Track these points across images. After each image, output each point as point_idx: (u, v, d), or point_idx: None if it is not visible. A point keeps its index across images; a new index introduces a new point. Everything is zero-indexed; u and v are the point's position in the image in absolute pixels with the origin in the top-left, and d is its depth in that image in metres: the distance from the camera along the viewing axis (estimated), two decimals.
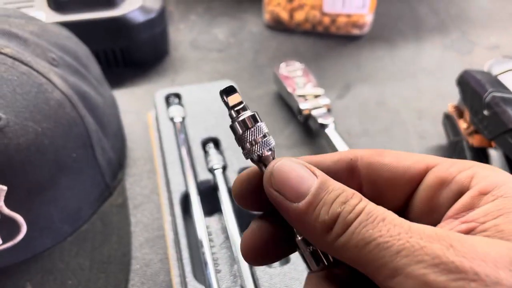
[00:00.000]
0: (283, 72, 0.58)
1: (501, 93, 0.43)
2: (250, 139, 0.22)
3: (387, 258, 0.18)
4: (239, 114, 0.23)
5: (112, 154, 0.46)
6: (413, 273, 0.17)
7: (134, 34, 0.60)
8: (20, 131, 0.35)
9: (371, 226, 0.19)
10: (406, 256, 0.18)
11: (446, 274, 0.17)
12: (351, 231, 0.19)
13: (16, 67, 0.37)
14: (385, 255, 0.18)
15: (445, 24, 0.76)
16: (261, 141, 0.22)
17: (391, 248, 0.18)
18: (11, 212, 0.36)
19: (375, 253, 0.18)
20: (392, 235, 0.19)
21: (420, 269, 0.17)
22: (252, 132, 0.22)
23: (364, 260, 0.19)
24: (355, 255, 0.19)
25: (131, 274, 0.41)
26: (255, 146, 0.22)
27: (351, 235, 0.19)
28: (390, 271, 0.18)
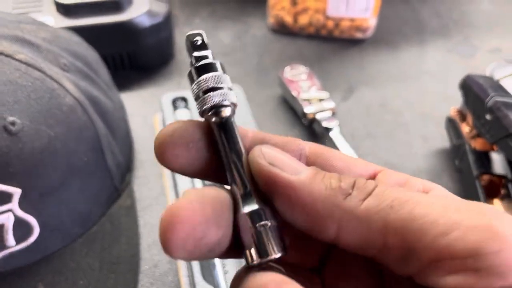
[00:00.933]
0: (288, 76, 0.59)
1: (503, 97, 0.44)
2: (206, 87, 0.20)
3: (435, 214, 0.16)
4: (201, 60, 0.20)
5: (120, 157, 0.47)
6: (476, 224, 0.16)
7: (141, 38, 0.61)
8: (34, 135, 0.36)
9: (397, 187, 0.18)
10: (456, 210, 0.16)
11: (509, 226, 0.16)
12: (379, 192, 0.18)
13: (30, 73, 0.37)
14: (430, 212, 0.16)
15: (448, 28, 0.77)
16: (223, 91, 0.20)
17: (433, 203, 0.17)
18: (25, 214, 0.37)
19: (418, 210, 0.16)
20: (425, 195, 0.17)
21: (481, 219, 0.16)
22: (207, 81, 0.20)
23: (402, 221, 0.17)
24: (389, 218, 0.17)
25: (140, 275, 0.42)
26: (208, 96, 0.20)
27: (380, 195, 0.17)
28: (444, 226, 0.16)
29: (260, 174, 0.19)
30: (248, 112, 0.54)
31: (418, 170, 0.53)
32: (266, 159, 0.19)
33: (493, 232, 0.15)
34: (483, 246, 0.15)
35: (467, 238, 0.16)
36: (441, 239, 0.16)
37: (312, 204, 0.18)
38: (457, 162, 0.50)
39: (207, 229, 0.18)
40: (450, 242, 0.16)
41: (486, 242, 0.15)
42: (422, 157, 0.54)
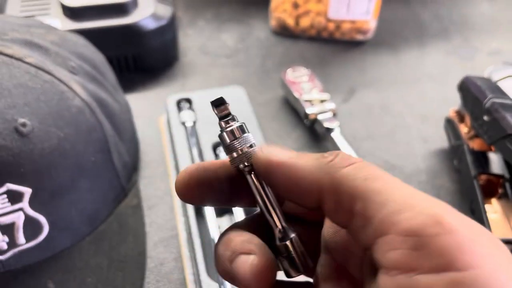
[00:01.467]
0: (290, 78, 0.60)
1: (500, 99, 0.45)
2: (236, 148, 0.23)
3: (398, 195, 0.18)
4: (228, 124, 0.24)
5: (127, 157, 0.48)
6: (427, 210, 0.17)
7: (146, 41, 0.62)
8: (44, 136, 0.37)
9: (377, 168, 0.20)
10: (419, 197, 0.18)
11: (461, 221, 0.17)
12: (359, 166, 0.20)
13: (39, 76, 0.39)
14: (396, 192, 0.18)
15: (448, 30, 0.78)
16: (246, 150, 0.23)
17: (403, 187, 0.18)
18: (35, 213, 0.38)
19: (386, 188, 0.18)
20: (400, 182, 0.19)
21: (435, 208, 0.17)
22: (239, 142, 0.24)
23: (370, 192, 0.18)
24: (360, 187, 0.19)
25: (146, 272, 0.43)
26: (241, 155, 0.23)
27: (359, 168, 0.20)
28: (400, 205, 0.18)
29: (259, 162, 0.22)
30: (251, 113, 0.55)
31: (417, 170, 0.54)
32: (263, 152, 0.22)
33: (436, 219, 0.17)
34: (424, 229, 0.17)
35: (414, 220, 0.17)
36: (394, 216, 0.18)
37: (301, 173, 0.21)
38: (455, 162, 0.51)
39: None
40: (399, 220, 0.17)
41: (428, 226, 0.17)
42: (421, 158, 0.55)
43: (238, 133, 0.24)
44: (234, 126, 0.24)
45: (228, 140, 0.24)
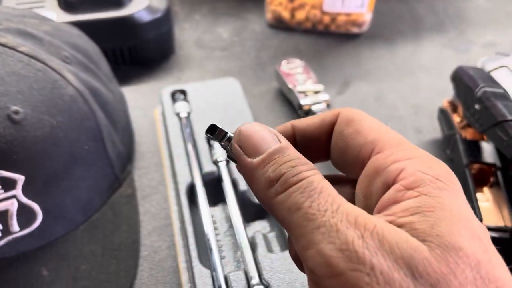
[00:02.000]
0: (284, 69, 0.61)
1: (492, 88, 0.45)
2: None
3: (308, 229, 0.19)
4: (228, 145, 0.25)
5: (121, 147, 0.48)
6: (322, 251, 0.18)
7: (141, 33, 0.62)
8: (37, 124, 0.37)
9: (307, 194, 0.20)
10: (323, 233, 0.19)
11: (347, 262, 0.18)
12: (289, 193, 0.21)
13: (32, 65, 0.39)
14: (308, 226, 0.19)
15: (443, 23, 0.78)
16: None
17: (315, 221, 0.19)
18: (28, 201, 0.39)
19: (300, 221, 0.20)
20: (320, 210, 0.20)
21: (329, 250, 0.18)
22: None
23: (291, 224, 0.20)
24: (285, 217, 0.20)
25: (140, 260, 0.44)
26: None
27: (287, 197, 0.21)
28: (307, 242, 0.19)
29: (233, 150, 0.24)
30: (245, 104, 0.55)
31: None
32: (237, 141, 0.24)
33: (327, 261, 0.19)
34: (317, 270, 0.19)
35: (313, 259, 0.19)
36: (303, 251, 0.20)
37: (253, 185, 0.23)
38: (448, 151, 0.52)
39: None
40: (306, 257, 0.20)
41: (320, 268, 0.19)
42: None
43: None
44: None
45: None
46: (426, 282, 0.17)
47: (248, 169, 0.23)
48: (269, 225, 0.45)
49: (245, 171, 0.23)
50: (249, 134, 0.23)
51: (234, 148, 0.24)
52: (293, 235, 0.20)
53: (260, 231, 0.43)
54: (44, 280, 0.40)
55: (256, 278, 0.38)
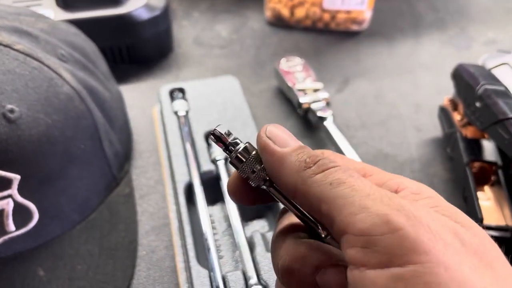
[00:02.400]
0: (284, 67, 0.60)
1: (493, 85, 0.45)
2: (249, 170, 0.25)
3: (356, 198, 0.20)
4: (232, 151, 0.25)
5: (118, 146, 0.48)
6: (379, 211, 0.19)
7: (139, 32, 0.62)
8: (32, 123, 0.37)
9: (349, 174, 0.22)
10: (374, 199, 0.20)
11: (407, 219, 0.19)
12: (330, 172, 0.22)
13: (28, 63, 0.38)
14: (355, 195, 0.20)
15: (443, 20, 0.78)
16: (258, 168, 0.24)
17: (363, 191, 0.20)
18: (24, 200, 0.38)
19: (346, 192, 0.20)
20: (365, 184, 0.21)
21: (386, 209, 0.19)
22: (247, 165, 0.25)
23: (333, 196, 0.21)
24: (325, 191, 0.21)
25: (137, 260, 0.43)
26: (255, 175, 0.25)
27: (328, 174, 0.22)
28: (356, 208, 0.20)
29: (258, 144, 0.24)
30: (244, 102, 0.55)
31: (410, 159, 0.53)
32: (266, 133, 0.24)
33: (384, 219, 0.19)
34: (373, 228, 0.19)
35: (365, 220, 0.19)
36: (350, 217, 0.20)
37: (284, 169, 0.23)
38: (448, 150, 0.51)
39: None
40: (355, 221, 0.19)
41: (376, 225, 0.19)
42: (415, 147, 0.55)
43: (245, 156, 0.25)
44: (239, 149, 0.25)
45: (239, 165, 0.25)
46: (470, 248, 0.19)
47: (279, 156, 0.23)
48: (268, 224, 0.45)
49: (274, 158, 0.24)
50: (278, 129, 0.25)
51: (262, 139, 0.24)
52: (333, 206, 0.20)
53: (258, 230, 0.43)
54: (40, 280, 0.39)
55: (254, 278, 0.38)
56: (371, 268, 0.19)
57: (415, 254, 0.18)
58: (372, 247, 0.19)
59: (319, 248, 0.23)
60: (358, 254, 0.19)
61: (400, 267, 0.18)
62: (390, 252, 0.18)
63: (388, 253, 0.18)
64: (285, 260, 0.24)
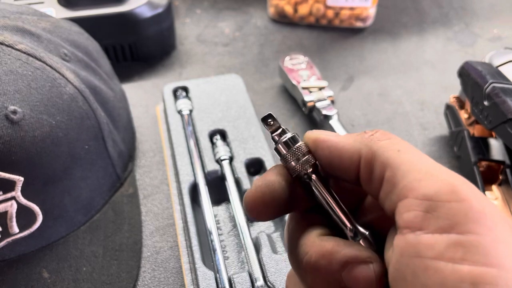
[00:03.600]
0: (288, 65, 0.60)
1: (501, 83, 0.44)
2: (292, 159, 0.24)
3: (423, 165, 0.20)
4: (280, 137, 0.25)
5: (122, 146, 0.48)
6: (447, 179, 0.19)
7: (142, 29, 0.61)
8: (36, 124, 0.37)
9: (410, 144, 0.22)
10: (440, 169, 0.20)
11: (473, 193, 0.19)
12: (396, 140, 0.22)
13: (30, 63, 0.38)
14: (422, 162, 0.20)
15: (448, 17, 0.77)
16: (303, 159, 0.24)
17: (429, 160, 0.21)
18: (28, 202, 0.38)
19: (414, 159, 0.21)
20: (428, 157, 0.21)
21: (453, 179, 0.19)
22: (293, 152, 0.24)
23: (400, 161, 0.21)
24: (392, 156, 0.21)
25: (142, 261, 0.43)
26: (298, 164, 0.24)
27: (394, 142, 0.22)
28: (423, 174, 0.20)
29: (309, 137, 0.24)
30: (248, 101, 0.54)
31: None
32: (313, 131, 0.25)
33: (452, 187, 0.19)
34: (438, 194, 0.19)
35: (431, 186, 0.19)
36: (415, 182, 0.20)
37: (342, 145, 0.23)
38: (455, 149, 0.51)
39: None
40: (419, 186, 0.19)
41: (442, 192, 0.19)
42: (420, 145, 0.55)
43: (291, 144, 0.25)
44: (287, 137, 0.25)
45: (284, 151, 0.25)
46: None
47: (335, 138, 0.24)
48: (273, 224, 0.44)
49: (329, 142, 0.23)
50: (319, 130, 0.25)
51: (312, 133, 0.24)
52: (399, 171, 0.20)
53: (264, 231, 0.42)
54: (44, 282, 0.39)
55: (260, 280, 0.38)
56: (430, 232, 0.18)
57: (478, 225, 0.18)
58: (434, 212, 0.19)
59: (346, 244, 0.23)
60: (417, 218, 0.19)
61: (461, 235, 0.18)
62: (453, 219, 0.18)
63: (451, 220, 0.18)
64: (310, 256, 0.23)
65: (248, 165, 0.47)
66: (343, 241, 0.23)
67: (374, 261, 0.22)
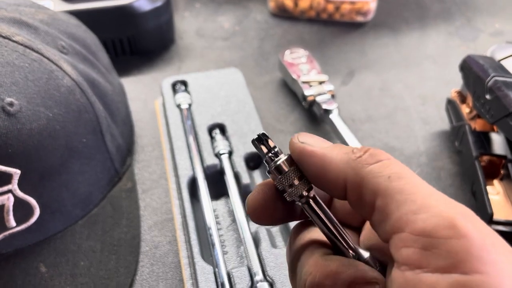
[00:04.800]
0: (288, 59, 0.59)
1: (503, 77, 0.44)
2: (286, 183, 0.23)
3: (419, 195, 0.19)
4: (272, 160, 0.24)
5: (121, 140, 0.47)
6: (444, 213, 0.18)
7: (140, 23, 0.61)
8: (33, 116, 0.36)
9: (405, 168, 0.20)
10: (438, 200, 0.19)
11: (474, 227, 0.18)
12: (385, 163, 0.20)
13: (27, 55, 0.38)
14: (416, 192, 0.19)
15: (450, 11, 0.77)
16: (297, 183, 0.23)
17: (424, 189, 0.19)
18: (25, 195, 0.37)
19: (406, 188, 0.19)
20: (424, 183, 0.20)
21: (452, 213, 0.18)
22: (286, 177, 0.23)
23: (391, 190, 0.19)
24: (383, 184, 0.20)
25: (140, 256, 0.43)
26: (293, 189, 0.23)
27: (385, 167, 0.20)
28: (418, 206, 0.18)
29: (294, 150, 0.23)
30: (247, 95, 0.54)
31: (418, 152, 0.52)
32: (299, 140, 0.23)
33: (451, 222, 0.18)
34: (437, 231, 0.18)
35: (429, 221, 0.18)
36: (411, 215, 0.18)
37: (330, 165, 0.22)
38: (456, 143, 0.50)
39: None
40: (415, 220, 0.18)
41: (441, 228, 0.18)
42: (422, 140, 0.54)
43: (285, 168, 0.23)
44: (279, 161, 0.23)
45: (277, 176, 0.23)
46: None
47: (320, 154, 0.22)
48: None
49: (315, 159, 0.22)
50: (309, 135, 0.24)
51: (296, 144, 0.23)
52: (391, 201, 0.19)
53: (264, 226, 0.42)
54: (42, 277, 0.39)
55: (260, 275, 0.37)
56: (430, 271, 0.18)
57: (481, 263, 0.17)
58: (433, 250, 0.18)
59: (351, 264, 0.22)
60: (415, 255, 0.18)
61: (465, 275, 0.17)
62: (455, 257, 0.17)
63: (452, 258, 0.17)
64: (314, 277, 0.22)
65: (247, 160, 0.47)
66: (347, 260, 0.22)
67: (380, 283, 0.21)
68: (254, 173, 0.48)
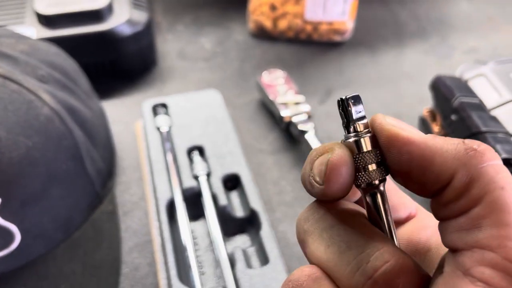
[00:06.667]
0: (266, 80, 0.61)
1: (468, 98, 0.45)
2: (361, 164, 0.21)
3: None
4: (357, 131, 0.21)
5: (101, 164, 0.48)
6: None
7: (121, 47, 0.62)
8: (12, 145, 0.37)
9: None
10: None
11: None
12: (500, 168, 0.18)
13: (7, 86, 0.39)
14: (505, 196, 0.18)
15: (425, 30, 0.79)
16: (374, 168, 0.21)
17: None
18: (6, 222, 0.38)
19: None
20: None
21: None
22: (363, 157, 0.20)
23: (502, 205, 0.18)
24: (495, 194, 0.18)
25: (121, 278, 0.44)
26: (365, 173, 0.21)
27: (500, 172, 0.18)
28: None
29: (382, 132, 0.20)
30: (226, 116, 0.55)
31: None
32: (389, 122, 0.21)
33: None
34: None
35: None
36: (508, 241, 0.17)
37: (434, 157, 0.19)
38: None
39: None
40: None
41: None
42: None
43: (370, 145, 0.21)
44: (367, 136, 0.21)
45: (355, 152, 0.21)
46: None
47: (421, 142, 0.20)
48: (249, 239, 0.45)
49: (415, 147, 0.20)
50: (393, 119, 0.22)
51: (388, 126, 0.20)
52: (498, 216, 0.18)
53: (240, 246, 0.43)
54: None
55: None
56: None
57: None
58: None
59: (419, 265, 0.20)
60: (496, 279, 0.17)
61: None
62: None
63: None
64: (393, 266, 0.19)
65: (225, 181, 0.48)
66: None
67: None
68: (232, 194, 0.49)
